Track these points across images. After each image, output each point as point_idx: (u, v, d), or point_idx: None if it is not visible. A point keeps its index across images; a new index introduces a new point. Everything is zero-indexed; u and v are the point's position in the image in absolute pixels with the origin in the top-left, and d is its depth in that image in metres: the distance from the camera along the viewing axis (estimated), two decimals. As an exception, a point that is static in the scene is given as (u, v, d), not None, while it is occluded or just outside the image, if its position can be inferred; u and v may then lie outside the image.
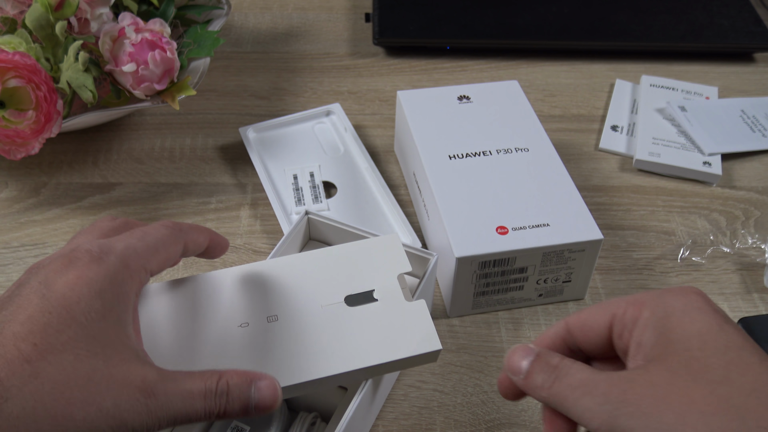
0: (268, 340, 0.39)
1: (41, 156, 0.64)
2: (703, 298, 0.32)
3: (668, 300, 0.32)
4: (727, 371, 0.29)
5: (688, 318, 0.31)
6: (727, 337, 0.30)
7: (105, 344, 0.31)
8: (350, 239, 0.51)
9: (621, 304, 0.33)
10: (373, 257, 0.43)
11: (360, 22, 0.83)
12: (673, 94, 0.73)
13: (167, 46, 0.58)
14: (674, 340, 0.30)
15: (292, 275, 0.42)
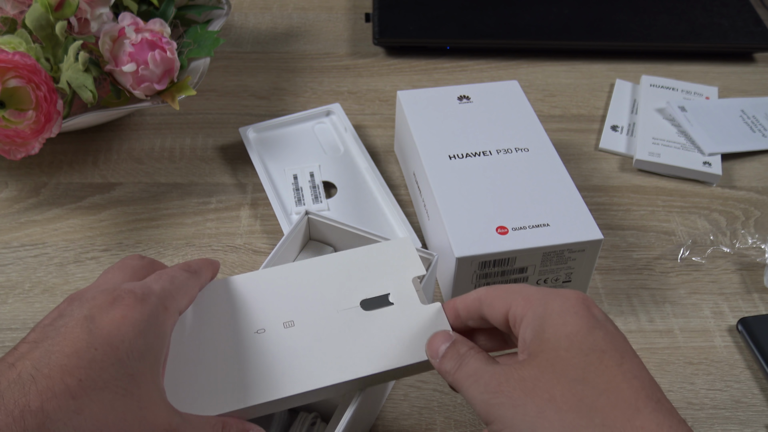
0: (286, 346, 0.39)
1: (41, 156, 0.64)
2: (582, 303, 0.34)
3: (549, 301, 0.34)
4: (585, 372, 0.31)
5: (561, 320, 0.33)
6: (593, 340, 0.32)
7: (140, 384, 0.32)
8: (350, 239, 0.51)
9: (517, 298, 0.35)
10: (386, 261, 0.44)
11: (360, 22, 0.83)
12: (673, 94, 0.73)
13: (167, 46, 0.58)
14: (546, 339, 0.33)
15: (306, 280, 0.42)
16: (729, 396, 0.49)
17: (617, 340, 0.33)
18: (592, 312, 0.34)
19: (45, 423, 0.29)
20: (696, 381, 0.50)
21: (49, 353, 0.31)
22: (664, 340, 0.52)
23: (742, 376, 0.50)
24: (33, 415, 0.29)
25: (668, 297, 0.55)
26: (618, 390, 0.31)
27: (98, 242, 0.57)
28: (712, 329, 0.53)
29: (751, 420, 0.48)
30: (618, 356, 0.32)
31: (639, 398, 0.31)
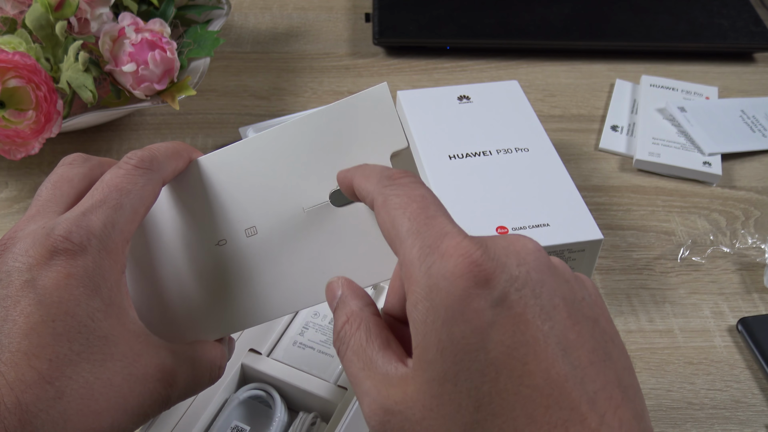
0: (252, 262, 0.33)
1: (41, 156, 0.64)
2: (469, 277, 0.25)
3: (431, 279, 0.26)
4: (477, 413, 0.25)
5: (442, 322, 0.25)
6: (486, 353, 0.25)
7: (117, 342, 0.29)
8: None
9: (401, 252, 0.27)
10: (357, 129, 0.34)
11: (360, 22, 0.83)
12: (673, 94, 0.73)
13: (167, 46, 0.58)
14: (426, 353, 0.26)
15: (265, 165, 0.34)
16: (729, 396, 0.49)
17: (522, 328, 0.25)
18: (488, 291, 0.25)
19: (26, 418, 0.26)
20: (696, 381, 0.50)
21: (3, 337, 0.27)
22: (664, 340, 0.52)
23: (742, 376, 0.50)
24: (11, 413, 0.26)
25: (668, 297, 0.55)
26: (515, 430, 0.24)
27: (98, 242, 0.57)
28: (712, 329, 0.53)
29: (751, 420, 0.48)
30: (518, 370, 0.24)
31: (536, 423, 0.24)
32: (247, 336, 0.46)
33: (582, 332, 0.26)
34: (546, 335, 0.25)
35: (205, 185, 0.34)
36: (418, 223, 0.27)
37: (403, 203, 0.28)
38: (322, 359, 0.46)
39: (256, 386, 0.45)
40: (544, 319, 0.25)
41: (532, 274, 0.26)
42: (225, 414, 0.43)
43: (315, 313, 0.48)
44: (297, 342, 0.47)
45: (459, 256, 0.25)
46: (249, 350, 0.46)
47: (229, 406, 0.44)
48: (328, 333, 0.47)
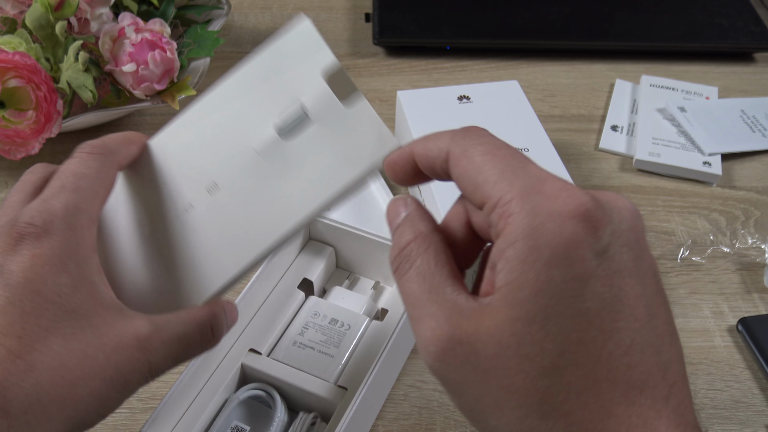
0: (221, 216, 0.34)
1: (41, 156, 0.64)
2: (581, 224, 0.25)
3: (538, 214, 0.25)
4: (558, 359, 0.24)
5: (541, 261, 0.24)
6: (580, 303, 0.24)
7: (88, 315, 0.30)
8: (352, 240, 0.51)
9: (503, 188, 0.26)
10: (287, 62, 0.35)
11: (360, 22, 0.83)
12: (673, 94, 0.73)
13: (167, 46, 0.58)
14: (516, 289, 0.25)
15: (212, 124, 0.35)
16: (729, 396, 0.49)
17: (620, 284, 0.25)
18: (595, 240, 0.25)
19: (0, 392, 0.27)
20: (696, 381, 0.50)
21: None
22: (664, 340, 0.52)
23: (742, 376, 0.50)
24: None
25: (668, 297, 0.55)
26: (595, 383, 0.24)
27: (98, 242, 0.57)
28: (712, 329, 0.53)
29: (751, 420, 0.48)
30: (608, 325, 0.24)
31: (615, 392, 0.24)
32: (247, 336, 0.46)
33: (663, 299, 0.26)
34: (638, 297, 0.25)
35: (161, 161, 0.35)
36: (513, 167, 0.26)
37: (490, 150, 0.28)
38: (322, 359, 0.46)
39: (256, 386, 0.45)
40: (638, 281, 0.25)
41: (631, 234, 0.26)
42: (225, 414, 0.43)
43: (315, 313, 0.48)
44: (297, 342, 0.47)
45: (568, 198, 0.25)
46: (249, 350, 0.46)
47: (229, 406, 0.44)
48: (328, 333, 0.47)
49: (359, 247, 0.51)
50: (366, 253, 0.52)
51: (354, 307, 0.49)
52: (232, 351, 0.45)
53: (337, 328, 0.48)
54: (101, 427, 0.45)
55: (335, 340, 0.47)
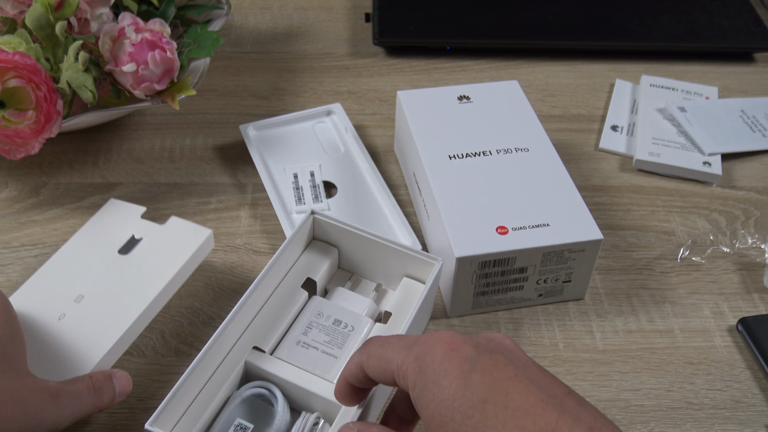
0: (89, 316, 0.46)
1: (41, 156, 0.64)
2: (449, 348, 0.33)
3: (420, 363, 0.33)
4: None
5: (437, 387, 0.32)
6: (472, 393, 0.31)
7: (15, 362, 0.38)
8: (355, 240, 0.51)
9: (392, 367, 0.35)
10: (114, 217, 0.54)
11: (360, 22, 0.83)
12: (673, 94, 0.73)
13: (167, 46, 0.58)
14: (433, 418, 0.32)
15: (70, 261, 0.51)
16: (729, 396, 0.49)
17: (496, 370, 0.32)
18: (462, 353, 0.33)
19: None
20: (696, 381, 0.50)
21: None
22: (664, 340, 0.52)
23: (742, 376, 0.50)
24: None
25: (668, 297, 0.55)
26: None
27: (98, 242, 0.57)
28: (712, 329, 0.53)
29: (751, 420, 0.48)
30: (502, 397, 0.31)
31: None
32: (251, 333, 0.46)
33: (554, 381, 0.32)
34: (518, 375, 0.31)
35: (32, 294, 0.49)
36: (398, 344, 0.35)
37: (381, 344, 0.36)
38: (326, 360, 0.46)
39: (258, 384, 0.45)
40: (516, 368, 0.32)
41: (499, 346, 0.33)
42: (228, 411, 0.43)
43: (319, 313, 0.48)
44: (301, 341, 0.47)
45: (434, 339, 0.33)
46: (253, 348, 0.46)
47: (232, 404, 0.44)
48: (332, 333, 0.47)
49: (363, 249, 0.51)
50: (369, 255, 0.51)
51: (357, 309, 0.49)
52: (235, 348, 0.45)
53: (341, 329, 0.48)
54: (101, 427, 0.46)
55: (339, 341, 0.47)
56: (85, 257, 0.51)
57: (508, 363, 0.32)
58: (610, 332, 0.53)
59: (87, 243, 0.52)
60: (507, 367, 0.32)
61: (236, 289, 0.55)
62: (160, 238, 0.52)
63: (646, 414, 0.48)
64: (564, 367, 0.50)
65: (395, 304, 0.49)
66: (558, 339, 0.52)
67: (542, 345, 0.52)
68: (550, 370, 0.50)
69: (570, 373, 0.50)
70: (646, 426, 0.47)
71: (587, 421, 0.29)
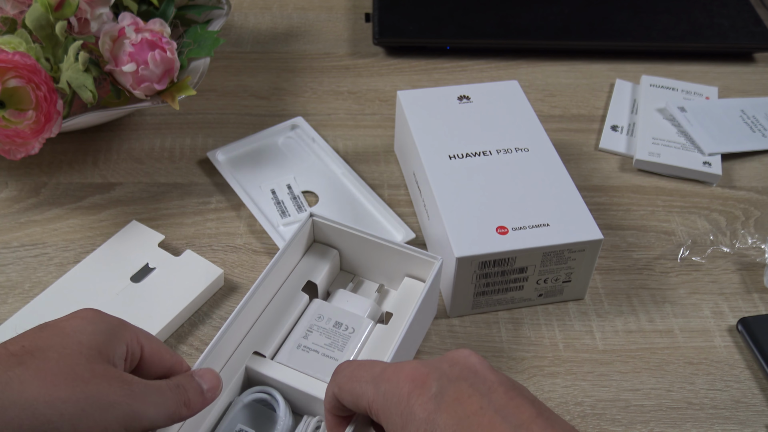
0: None
1: (41, 156, 0.64)
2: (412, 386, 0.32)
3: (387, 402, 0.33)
4: None
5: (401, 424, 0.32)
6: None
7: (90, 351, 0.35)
8: (356, 243, 0.51)
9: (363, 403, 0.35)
10: (130, 243, 0.55)
11: (360, 22, 0.83)
12: (673, 94, 0.73)
13: (167, 46, 0.58)
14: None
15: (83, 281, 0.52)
16: (729, 396, 0.49)
17: (461, 405, 0.31)
18: (426, 389, 0.32)
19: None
20: (696, 381, 0.50)
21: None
22: (664, 340, 0.52)
23: (742, 376, 0.50)
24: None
25: (668, 297, 0.55)
26: None
27: (98, 242, 0.57)
28: (712, 329, 0.53)
29: (751, 420, 0.48)
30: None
31: None
32: (252, 338, 0.46)
33: (521, 403, 0.31)
34: (483, 408, 0.31)
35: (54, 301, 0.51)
36: (365, 378, 0.35)
37: (350, 377, 0.36)
38: (327, 363, 0.45)
39: (259, 389, 0.44)
40: (481, 397, 0.31)
41: (463, 370, 0.33)
42: (229, 417, 0.43)
43: (319, 316, 0.48)
44: (301, 345, 0.47)
45: (398, 375, 0.33)
46: (253, 353, 0.46)
47: (234, 409, 0.44)
48: (333, 336, 0.47)
49: (364, 250, 0.51)
50: (370, 256, 0.51)
51: (358, 310, 0.49)
52: (236, 353, 0.45)
53: (341, 331, 0.47)
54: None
55: (339, 344, 0.47)
56: (97, 279, 0.52)
57: (473, 392, 0.32)
58: (610, 332, 0.53)
59: (102, 265, 0.54)
60: (471, 398, 0.31)
61: (236, 289, 0.55)
62: (172, 270, 0.53)
63: (646, 414, 0.48)
64: (564, 367, 0.50)
65: (396, 304, 0.49)
66: (558, 339, 0.52)
67: (542, 345, 0.52)
68: (550, 370, 0.50)
69: (570, 373, 0.50)
70: (646, 426, 0.47)
71: None
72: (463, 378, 0.32)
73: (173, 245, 0.57)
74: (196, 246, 0.57)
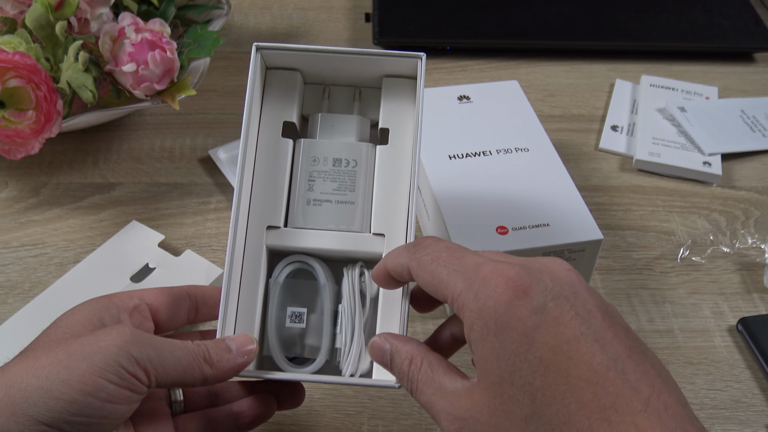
0: None
1: (41, 156, 0.64)
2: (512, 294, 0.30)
3: (480, 302, 0.31)
4: (533, 405, 0.29)
5: (495, 336, 0.30)
6: (534, 354, 0.29)
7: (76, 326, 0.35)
8: (316, 60, 0.44)
9: (449, 291, 0.32)
10: (129, 243, 0.55)
11: (360, 22, 0.83)
12: (673, 94, 0.73)
13: (167, 46, 0.58)
14: (488, 364, 0.30)
15: (83, 281, 0.52)
16: (729, 396, 0.49)
17: (561, 326, 0.29)
18: (528, 302, 0.30)
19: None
20: (696, 381, 0.50)
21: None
22: (664, 340, 0.52)
23: (742, 376, 0.50)
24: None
25: (668, 297, 0.55)
26: (568, 417, 0.28)
27: (98, 242, 0.57)
28: (712, 329, 0.53)
29: (751, 420, 0.48)
30: (565, 362, 0.29)
31: (592, 419, 0.28)
32: (258, 213, 0.42)
33: (617, 332, 0.30)
34: (584, 334, 0.29)
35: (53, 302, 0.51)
36: (454, 266, 0.32)
37: (434, 257, 0.33)
38: (344, 209, 0.42)
39: (288, 261, 0.41)
40: (581, 322, 0.30)
41: (565, 288, 0.31)
42: (274, 304, 0.40)
43: (314, 159, 0.43)
44: (310, 200, 0.42)
45: (498, 277, 0.31)
46: (267, 228, 0.42)
47: (274, 293, 0.41)
48: (337, 177, 0.42)
49: (328, 66, 0.44)
50: (336, 70, 0.44)
51: (348, 134, 0.43)
52: (251, 240, 0.41)
53: (344, 168, 0.42)
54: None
55: (348, 184, 0.42)
56: (97, 279, 0.52)
57: (574, 316, 0.30)
58: (610, 332, 0.53)
59: (102, 265, 0.53)
60: (572, 322, 0.29)
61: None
62: (172, 270, 0.53)
63: (646, 414, 0.48)
64: (564, 367, 0.50)
65: (388, 113, 0.44)
66: (558, 339, 0.52)
67: (542, 345, 0.52)
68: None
69: (570, 373, 0.50)
70: (646, 426, 0.47)
71: (645, 392, 0.28)
72: (564, 297, 0.30)
73: (173, 245, 0.57)
74: (196, 246, 0.57)
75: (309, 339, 0.41)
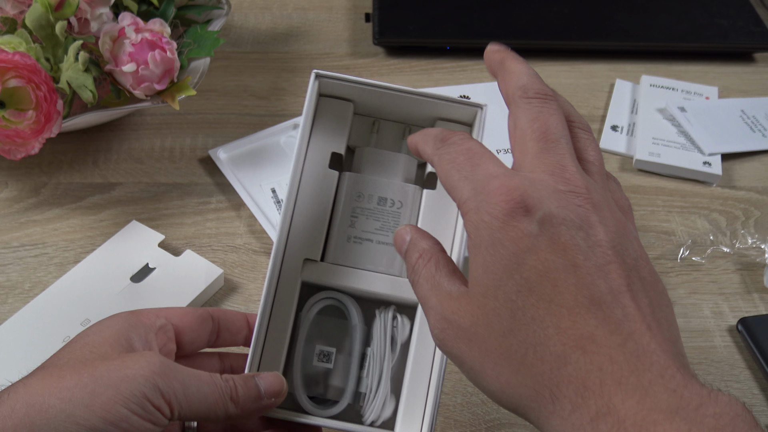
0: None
1: (41, 156, 0.64)
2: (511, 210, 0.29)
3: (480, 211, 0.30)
4: (512, 322, 0.29)
5: (488, 248, 0.29)
6: (521, 274, 0.29)
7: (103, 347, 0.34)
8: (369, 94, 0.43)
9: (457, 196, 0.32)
10: (129, 242, 0.55)
11: (360, 22, 0.83)
12: (673, 94, 0.73)
13: (167, 46, 0.58)
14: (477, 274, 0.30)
15: (83, 282, 0.52)
16: (729, 396, 0.49)
17: (555, 254, 0.28)
18: (526, 221, 0.29)
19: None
20: (696, 381, 0.50)
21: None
22: (664, 340, 0.52)
23: (742, 376, 0.50)
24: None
25: (668, 297, 0.55)
26: (544, 339, 0.28)
27: (98, 242, 0.57)
28: (712, 329, 0.53)
29: (751, 420, 0.48)
30: (549, 288, 0.28)
31: (567, 345, 0.27)
32: (297, 244, 0.40)
33: (622, 268, 0.29)
34: (578, 265, 0.28)
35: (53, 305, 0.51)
36: (466, 172, 0.32)
37: (452, 158, 0.33)
38: (384, 251, 0.40)
39: (320, 297, 0.40)
40: (578, 252, 0.29)
41: (573, 216, 0.29)
42: (302, 340, 0.39)
43: (358, 194, 0.42)
44: (351, 237, 0.41)
45: (502, 194, 0.30)
46: (304, 260, 0.40)
47: (303, 330, 0.40)
48: (381, 217, 0.41)
49: (384, 96, 0.42)
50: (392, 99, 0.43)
51: (395, 174, 0.42)
52: (289, 271, 0.40)
53: (388, 208, 0.41)
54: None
55: (391, 224, 0.41)
56: (97, 280, 0.52)
57: (573, 245, 0.29)
58: (610, 332, 0.53)
59: (102, 265, 0.54)
60: (569, 252, 0.28)
61: (236, 289, 0.55)
62: (173, 270, 0.53)
63: (646, 414, 0.48)
64: (564, 367, 0.50)
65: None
66: (558, 339, 0.52)
67: (542, 345, 0.52)
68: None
69: (570, 373, 0.50)
70: (646, 426, 0.47)
71: (630, 328, 0.28)
72: (567, 224, 0.29)
73: (173, 245, 0.57)
74: (196, 246, 0.57)
75: (334, 380, 0.39)
